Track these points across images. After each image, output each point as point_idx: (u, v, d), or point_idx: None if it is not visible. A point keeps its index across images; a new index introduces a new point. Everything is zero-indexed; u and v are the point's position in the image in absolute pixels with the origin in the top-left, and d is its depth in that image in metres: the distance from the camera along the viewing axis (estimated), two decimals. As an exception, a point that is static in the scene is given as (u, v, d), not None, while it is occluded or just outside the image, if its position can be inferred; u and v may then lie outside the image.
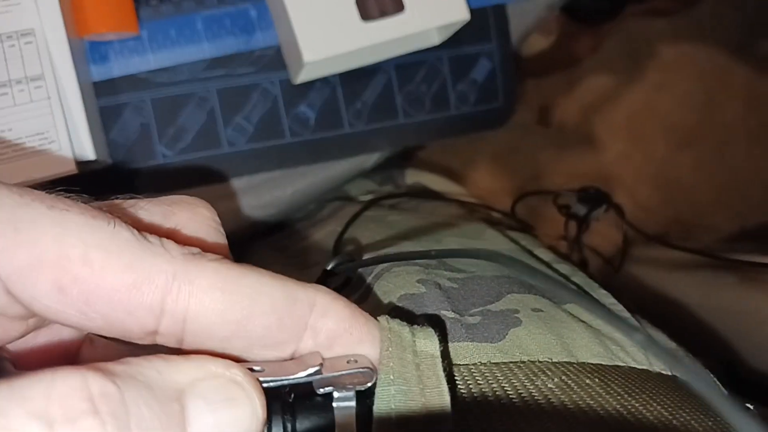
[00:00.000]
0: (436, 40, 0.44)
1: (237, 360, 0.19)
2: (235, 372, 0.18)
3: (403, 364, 0.21)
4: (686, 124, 1.00)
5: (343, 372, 0.20)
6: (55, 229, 0.17)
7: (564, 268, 0.37)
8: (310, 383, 0.20)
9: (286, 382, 0.19)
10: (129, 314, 0.18)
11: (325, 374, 0.19)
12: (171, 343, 0.19)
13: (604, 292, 0.34)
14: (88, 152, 0.38)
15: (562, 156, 1.03)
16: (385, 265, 0.32)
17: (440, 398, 0.21)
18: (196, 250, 0.19)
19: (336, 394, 0.20)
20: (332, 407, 0.20)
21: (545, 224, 0.69)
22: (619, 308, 0.33)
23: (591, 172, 1.02)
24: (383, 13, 0.38)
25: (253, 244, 0.48)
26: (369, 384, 0.20)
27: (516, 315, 0.28)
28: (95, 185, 0.41)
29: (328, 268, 0.31)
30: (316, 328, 0.20)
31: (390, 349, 0.21)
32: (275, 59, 0.43)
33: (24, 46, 0.36)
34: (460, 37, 0.44)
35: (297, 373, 0.19)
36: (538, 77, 0.92)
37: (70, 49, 0.37)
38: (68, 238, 0.17)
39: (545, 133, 1.03)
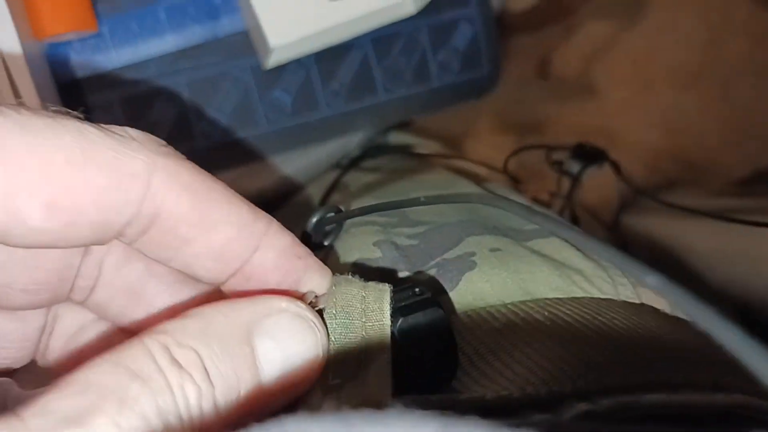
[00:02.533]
0: (411, 8, 0.41)
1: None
2: (299, 305, 0.19)
3: (347, 298, 0.21)
4: (690, 65, 0.97)
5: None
6: (22, 135, 0.16)
7: (538, 210, 0.36)
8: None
9: None
10: (117, 214, 0.17)
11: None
12: (126, 241, 0.19)
13: (577, 228, 0.33)
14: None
15: (564, 108, 1.01)
16: (346, 224, 0.32)
17: (381, 331, 0.21)
18: (165, 144, 0.19)
19: None
20: None
21: (539, 181, 0.68)
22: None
23: (594, 122, 1.00)
24: (350, -12, 0.36)
25: None
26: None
27: (472, 258, 0.28)
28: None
29: (314, 219, 0.31)
30: (267, 247, 0.20)
31: (336, 286, 0.21)
32: (244, 45, 0.41)
33: (-24, 56, 0.34)
34: (437, 4, 0.42)
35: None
36: (532, 31, 0.89)
37: (24, 54, 0.35)
38: (42, 143, 0.16)
39: (545, 85, 1.00)
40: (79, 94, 0.40)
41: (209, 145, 0.41)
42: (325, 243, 0.35)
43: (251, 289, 0.20)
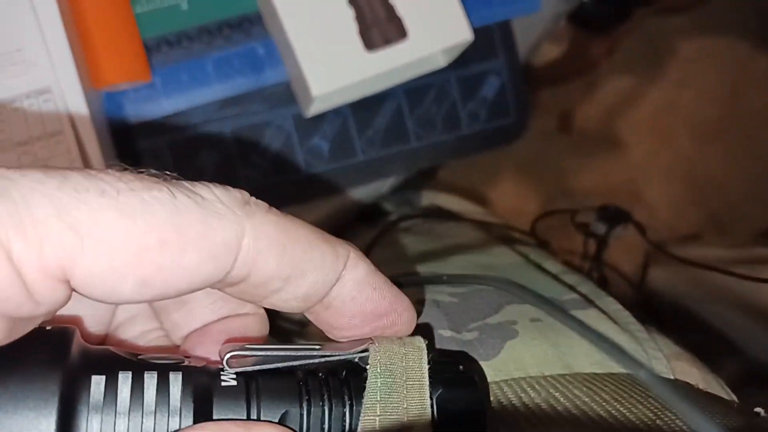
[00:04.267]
0: (442, 62, 0.44)
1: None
2: None
3: (389, 356, 0.21)
4: (712, 118, 0.99)
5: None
6: (120, 218, 0.17)
7: (571, 278, 0.37)
8: (358, 361, 0.21)
9: (340, 358, 0.20)
10: (206, 282, 0.18)
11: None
12: (224, 289, 0.19)
13: (610, 299, 0.34)
14: (110, 201, 0.39)
15: (587, 162, 1.02)
16: None
17: (420, 393, 0.21)
18: (247, 199, 0.19)
19: None
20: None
21: (566, 243, 0.69)
22: (624, 314, 0.33)
23: (618, 176, 1.01)
24: (387, 42, 0.39)
25: None
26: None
27: (513, 326, 0.28)
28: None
29: None
30: (344, 280, 0.20)
31: (378, 342, 0.21)
32: (286, 95, 0.44)
33: (42, 103, 0.37)
34: (466, 56, 0.44)
35: (350, 350, 0.20)
36: (555, 85, 0.91)
37: (86, 102, 0.38)
38: (138, 225, 0.17)
39: (568, 140, 1.02)
40: (131, 139, 0.42)
41: (251, 189, 0.43)
42: None
43: (327, 317, 0.21)
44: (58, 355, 0.17)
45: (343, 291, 0.20)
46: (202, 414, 0.19)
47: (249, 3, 0.43)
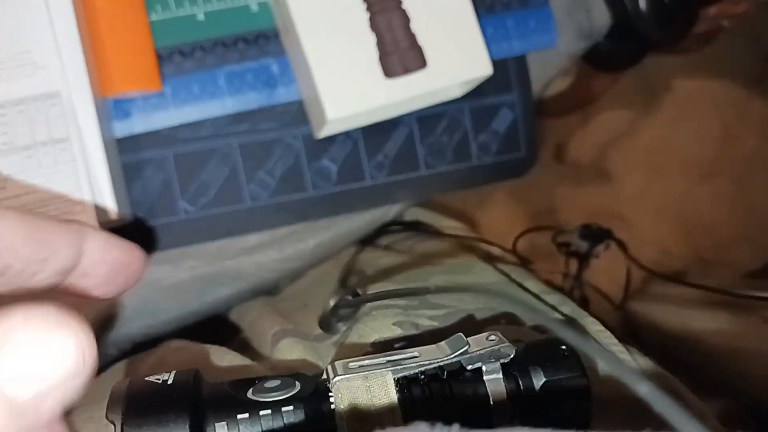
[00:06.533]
0: (457, 93, 0.43)
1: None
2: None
3: (353, 392, 0.22)
4: (704, 158, 0.99)
5: (487, 348, 0.22)
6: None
7: (553, 298, 0.38)
8: (459, 362, 0.23)
9: (440, 363, 0.22)
10: None
11: (472, 353, 0.22)
12: None
13: (592, 319, 0.35)
14: (111, 212, 0.38)
15: (578, 192, 1.02)
16: (365, 307, 0.33)
17: (392, 417, 0.22)
18: None
19: (485, 368, 0.23)
20: (483, 380, 0.23)
21: (547, 261, 0.69)
22: (606, 335, 0.33)
23: (607, 209, 1.02)
24: (407, 70, 0.38)
25: None
26: (511, 356, 0.23)
27: None
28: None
29: (332, 303, 0.32)
30: (91, 248, 0.23)
31: (339, 382, 0.22)
32: (297, 114, 0.43)
33: (50, 108, 0.36)
34: (481, 89, 0.44)
35: (449, 354, 0.23)
36: (555, 116, 0.92)
37: (95, 109, 0.37)
38: None
39: (561, 169, 1.02)
40: (136, 147, 0.41)
41: (257, 206, 0.43)
42: (343, 327, 0.36)
43: (86, 282, 0.23)
44: (185, 407, 0.20)
45: (94, 257, 0.23)
46: None
47: (266, 19, 0.42)
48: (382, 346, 0.30)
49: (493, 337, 0.23)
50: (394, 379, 0.22)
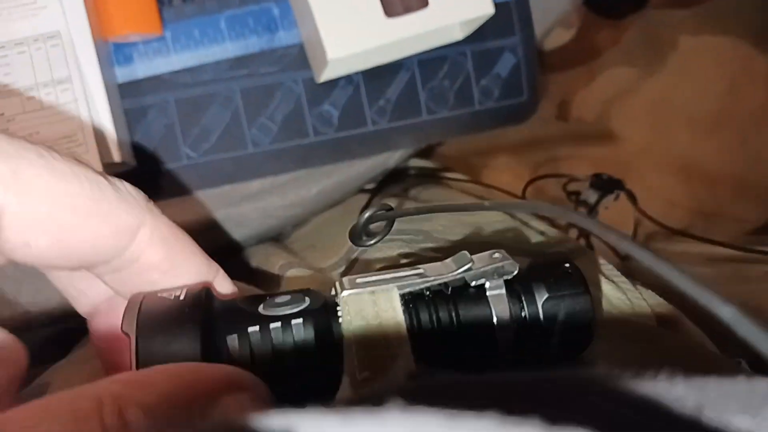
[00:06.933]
0: (459, 35, 0.43)
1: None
2: None
3: (359, 303, 0.23)
4: (709, 113, 0.99)
5: (491, 265, 0.23)
6: (50, 176, 0.20)
7: (557, 236, 0.38)
8: (463, 278, 0.23)
9: (444, 280, 0.23)
10: (104, 255, 0.21)
11: (476, 269, 0.23)
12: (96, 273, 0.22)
13: (597, 255, 0.35)
14: (114, 154, 0.38)
15: (581, 149, 1.02)
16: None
17: (397, 329, 0.22)
18: (149, 200, 0.23)
19: (488, 284, 0.23)
20: (486, 296, 0.23)
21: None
22: (609, 267, 0.34)
23: (611, 165, 1.01)
24: (407, 9, 0.38)
25: None
26: (515, 272, 0.23)
27: None
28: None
29: (366, 216, 0.33)
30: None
31: (346, 296, 0.23)
32: (298, 58, 0.43)
33: (50, 48, 0.36)
34: (483, 32, 0.44)
35: (453, 270, 0.23)
36: (559, 71, 0.91)
37: (96, 51, 0.37)
38: (61, 185, 0.20)
39: (564, 126, 1.02)
40: (138, 92, 0.41)
41: (259, 152, 0.43)
42: (369, 242, 0.36)
43: None
44: (196, 320, 0.21)
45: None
46: (325, 350, 0.21)
47: (266, -39, 0.42)
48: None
49: (497, 255, 0.23)
50: (400, 295, 0.22)
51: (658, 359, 0.27)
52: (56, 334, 0.44)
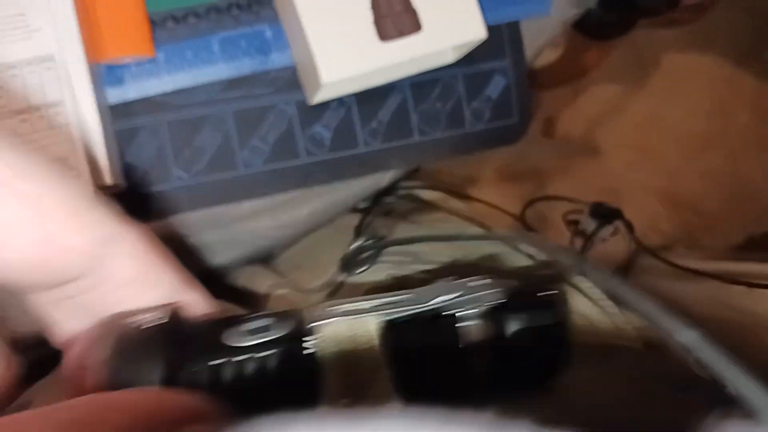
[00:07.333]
0: (450, 58, 0.44)
1: None
2: None
3: (336, 331, 0.23)
4: (695, 133, 1.00)
5: (469, 295, 0.23)
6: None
7: (544, 257, 0.38)
8: (439, 306, 0.23)
9: (422, 308, 0.23)
10: (82, 267, 0.21)
11: (453, 298, 0.23)
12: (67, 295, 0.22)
13: (585, 280, 0.35)
14: (105, 177, 0.38)
15: (568, 167, 1.03)
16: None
17: (374, 354, 0.22)
18: (123, 213, 0.22)
19: (464, 312, 0.23)
20: (459, 325, 0.23)
21: (550, 231, 0.69)
22: (597, 291, 0.34)
23: (597, 185, 1.02)
24: (401, 33, 0.38)
25: None
26: (493, 302, 0.23)
27: None
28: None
29: (353, 246, 0.33)
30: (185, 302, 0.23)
31: (323, 326, 0.23)
32: (291, 80, 0.43)
33: (44, 72, 0.36)
34: (474, 55, 0.44)
35: (431, 299, 0.23)
36: (545, 89, 0.92)
37: (89, 74, 0.37)
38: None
39: (550, 144, 1.02)
40: (129, 114, 0.41)
41: (250, 173, 0.43)
42: (358, 271, 0.37)
43: None
44: (158, 356, 0.20)
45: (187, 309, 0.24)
46: (297, 378, 0.21)
47: (259, -16, 0.42)
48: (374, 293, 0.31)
49: (476, 283, 0.23)
50: (377, 323, 0.22)
51: (641, 384, 0.27)
52: (43, 357, 0.44)
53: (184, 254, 0.44)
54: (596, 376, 0.27)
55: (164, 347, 0.21)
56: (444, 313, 0.23)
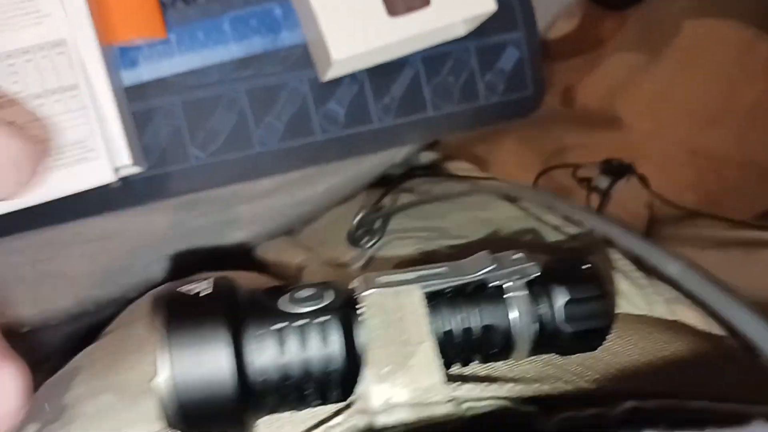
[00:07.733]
0: (461, 31, 0.43)
1: None
2: None
3: (380, 300, 0.23)
4: (713, 101, 0.98)
5: (513, 267, 0.23)
6: None
7: (572, 230, 0.38)
8: (484, 278, 0.24)
9: (468, 280, 0.23)
10: None
11: (498, 270, 0.23)
12: None
13: (612, 249, 0.36)
14: (125, 159, 0.38)
15: (587, 137, 1.02)
16: (388, 236, 0.34)
17: (419, 325, 0.22)
18: None
19: (509, 285, 0.23)
20: (506, 297, 0.23)
21: (568, 197, 0.69)
22: (624, 262, 0.34)
23: (617, 153, 1.01)
24: (410, 8, 0.38)
25: None
26: (536, 274, 0.23)
27: None
28: (131, 192, 0.41)
29: (358, 217, 0.33)
30: None
31: (367, 294, 0.23)
32: (302, 58, 0.43)
33: (56, 56, 0.36)
34: (486, 27, 0.44)
35: (476, 271, 0.23)
36: (563, 60, 0.91)
37: (102, 56, 0.37)
38: None
39: (569, 114, 1.02)
40: (144, 95, 0.42)
41: (266, 152, 0.43)
42: (367, 245, 0.37)
43: None
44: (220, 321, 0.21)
45: None
46: (348, 345, 0.22)
47: (268, -38, 0.42)
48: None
49: (518, 256, 0.24)
50: (422, 293, 0.23)
51: (674, 356, 0.27)
52: (75, 330, 0.45)
53: (206, 232, 0.44)
54: (628, 349, 0.27)
55: (223, 312, 0.21)
56: (494, 284, 0.23)
